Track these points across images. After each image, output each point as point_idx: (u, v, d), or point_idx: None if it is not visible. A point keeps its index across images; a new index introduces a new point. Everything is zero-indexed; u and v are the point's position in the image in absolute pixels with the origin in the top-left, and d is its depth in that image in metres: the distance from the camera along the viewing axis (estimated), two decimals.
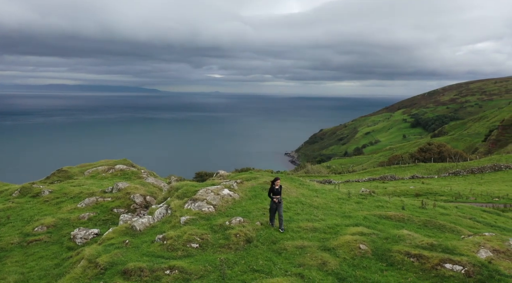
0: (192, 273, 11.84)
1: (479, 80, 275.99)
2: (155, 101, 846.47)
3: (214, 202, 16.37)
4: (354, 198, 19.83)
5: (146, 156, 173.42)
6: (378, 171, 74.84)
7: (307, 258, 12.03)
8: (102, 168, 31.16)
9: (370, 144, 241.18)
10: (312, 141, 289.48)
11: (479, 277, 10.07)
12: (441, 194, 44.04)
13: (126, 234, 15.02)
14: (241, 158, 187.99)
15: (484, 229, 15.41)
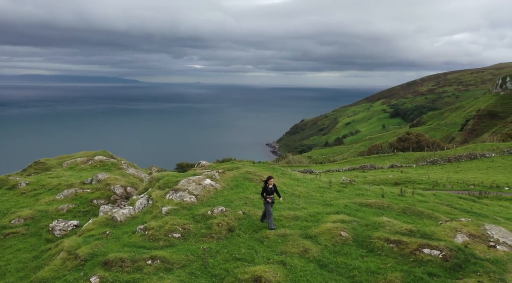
0: (174, 262, 11.78)
1: (456, 71, 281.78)
2: (136, 92, 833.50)
3: (196, 192, 16.28)
4: (335, 187, 20.04)
5: (126, 147, 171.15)
6: (358, 160, 75.80)
7: (289, 246, 12.12)
8: (81, 159, 30.58)
9: (350, 134, 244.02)
10: (293, 132, 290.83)
11: (455, 261, 10.35)
12: (419, 182, 44.98)
13: (107, 225, 14.81)
14: (223, 148, 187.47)
15: (460, 215, 15.82)
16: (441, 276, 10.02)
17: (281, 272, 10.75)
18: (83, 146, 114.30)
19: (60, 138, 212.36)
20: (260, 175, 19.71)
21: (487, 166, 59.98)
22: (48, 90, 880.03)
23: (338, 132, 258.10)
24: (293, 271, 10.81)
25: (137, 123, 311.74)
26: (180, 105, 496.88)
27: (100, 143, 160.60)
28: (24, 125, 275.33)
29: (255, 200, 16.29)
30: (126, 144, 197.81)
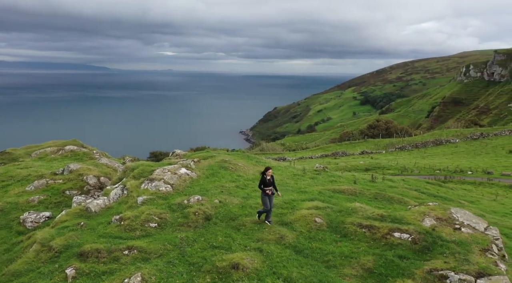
0: (151, 252, 11.74)
1: (423, 59, 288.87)
2: (105, 80, 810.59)
3: (172, 181, 16.18)
4: (308, 174, 20.37)
5: (97, 136, 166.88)
6: (330, 147, 77.09)
7: (265, 233, 12.30)
8: (51, 149, 29.68)
9: (322, 121, 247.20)
10: (266, 119, 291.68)
11: (424, 243, 10.81)
12: (388, 168, 46.31)
13: (81, 216, 14.54)
14: (196, 136, 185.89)
15: (428, 199, 16.46)
16: (411, 258, 10.46)
17: (258, 258, 10.92)
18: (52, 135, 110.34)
19: (26, 128, 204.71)
20: (235, 163, 19.76)
21: (451, 151, 62.30)
22: (13, 77, 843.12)
23: (310, 119, 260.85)
24: (269, 257, 11.00)
25: (108, 111, 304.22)
26: (152, 93, 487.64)
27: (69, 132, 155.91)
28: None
29: (231, 188, 16.37)
30: (96, 132, 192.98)
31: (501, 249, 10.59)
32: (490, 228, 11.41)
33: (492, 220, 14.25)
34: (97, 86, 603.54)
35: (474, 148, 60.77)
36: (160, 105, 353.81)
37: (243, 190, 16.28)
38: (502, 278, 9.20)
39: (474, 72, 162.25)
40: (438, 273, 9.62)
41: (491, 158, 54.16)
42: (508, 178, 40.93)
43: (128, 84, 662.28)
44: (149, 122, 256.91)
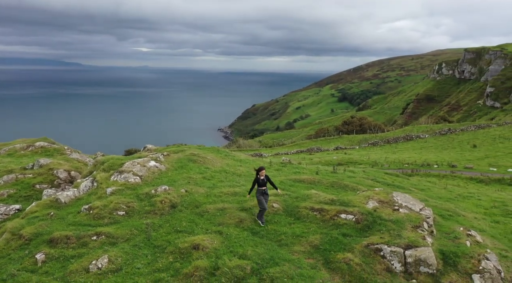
0: (118, 237, 12.72)
1: (399, 56, 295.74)
2: (78, 76, 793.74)
3: (141, 173, 17.12)
4: (275, 166, 21.62)
5: (70, 134, 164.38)
6: (306, 143, 78.96)
7: (226, 218, 13.44)
8: (20, 146, 29.97)
9: (301, 118, 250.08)
10: (245, 116, 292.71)
11: (365, 223, 12.19)
12: (360, 162, 48.21)
13: (51, 207, 15.34)
14: (174, 134, 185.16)
15: (380, 186, 17.95)
16: (353, 236, 11.81)
17: (218, 240, 12.07)
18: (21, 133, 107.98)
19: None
20: (204, 156, 20.81)
21: (421, 146, 64.96)
22: None
23: (289, 116, 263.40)
24: (228, 238, 12.16)
25: (81, 109, 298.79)
26: (127, 90, 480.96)
27: (40, 130, 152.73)
28: None
29: (197, 179, 17.43)
30: (69, 130, 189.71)
31: (431, 226, 12.07)
32: (425, 209, 12.90)
33: (434, 203, 15.80)
34: (70, 82, 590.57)
35: (441, 143, 63.54)
36: (136, 103, 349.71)
37: (210, 180, 17.37)
38: (426, 249, 10.65)
39: (446, 70, 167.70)
40: (374, 247, 11.00)
41: (456, 152, 56.87)
42: (470, 170, 43.33)
43: (102, 80, 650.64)
44: (125, 120, 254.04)
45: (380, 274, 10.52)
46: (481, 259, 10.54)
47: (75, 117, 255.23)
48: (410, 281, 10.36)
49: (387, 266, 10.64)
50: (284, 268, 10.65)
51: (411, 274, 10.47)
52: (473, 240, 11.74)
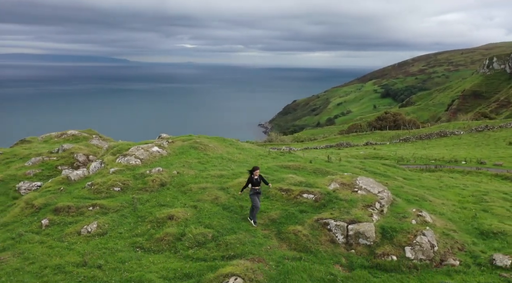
0: (110, 208, 14.85)
1: (447, 51, 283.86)
2: (125, 72, 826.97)
3: (142, 156, 19.26)
4: (272, 155, 23.09)
5: (114, 127, 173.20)
6: (337, 138, 79.20)
7: (204, 195, 15.20)
8: (55, 134, 33.34)
9: (342, 114, 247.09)
10: (285, 112, 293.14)
11: (322, 201, 13.50)
12: (386, 157, 48.42)
13: (62, 183, 17.81)
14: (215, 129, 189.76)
15: (366, 174, 18.95)
16: (309, 212, 13.17)
17: (191, 212, 13.87)
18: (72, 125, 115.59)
19: (49, 118, 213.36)
20: (206, 144, 22.68)
21: (453, 143, 63.56)
22: (37, 69, 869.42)
23: (329, 112, 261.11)
24: (200, 211, 13.92)
25: (127, 103, 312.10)
26: (171, 85, 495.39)
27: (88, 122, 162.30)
28: (13, 105, 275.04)
29: (193, 163, 19.31)
30: (114, 123, 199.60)
31: (383, 206, 13.15)
32: (383, 192, 13.95)
33: (408, 190, 16.72)
34: (117, 78, 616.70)
35: (476, 140, 61.82)
36: (179, 98, 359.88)
37: (203, 165, 19.19)
38: (367, 224, 11.83)
39: (498, 65, 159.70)
40: (322, 221, 12.32)
41: (490, 149, 55.29)
42: (499, 167, 42.40)
43: (148, 76, 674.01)
44: (167, 114, 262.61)
45: (323, 244, 11.85)
46: (418, 234, 11.56)
47: (121, 111, 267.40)
48: (350, 251, 11.61)
49: (331, 238, 11.94)
50: (239, 236, 12.26)
51: (351, 245, 11.72)
52: (421, 220, 12.72)
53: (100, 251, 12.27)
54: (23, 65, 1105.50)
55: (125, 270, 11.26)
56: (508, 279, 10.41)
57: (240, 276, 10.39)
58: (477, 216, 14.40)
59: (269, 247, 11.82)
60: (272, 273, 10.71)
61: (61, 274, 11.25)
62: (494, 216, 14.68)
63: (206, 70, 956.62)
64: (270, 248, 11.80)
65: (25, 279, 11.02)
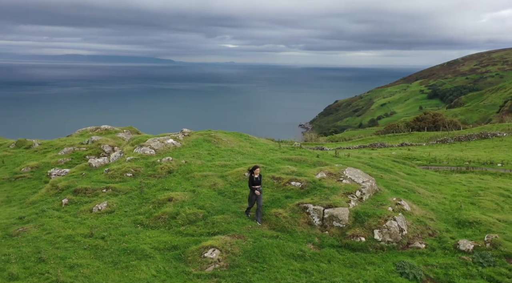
0: (120, 190, 16.81)
1: (502, 49, 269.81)
2: (169, 72, 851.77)
3: (156, 147, 21.20)
4: (283, 149, 24.34)
5: (156, 125, 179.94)
6: (372, 139, 78.72)
7: (205, 182, 16.81)
8: (90, 128, 36.34)
9: (385, 115, 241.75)
10: (327, 113, 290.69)
11: (307, 189, 14.69)
12: (418, 158, 48.21)
13: (84, 169, 20.08)
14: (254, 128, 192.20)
15: (367, 168, 19.79)
16: (293, 198, 14.41)
17: (188, 195, 15.51)
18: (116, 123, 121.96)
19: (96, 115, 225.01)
20: (219, 137, 24.34)
21: (494, 145, 61.56)
22: (86, 70, 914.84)
23: (372, 113, 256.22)
24: (197, 195, 15.53)
25: (170, 102, 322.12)
26: (214, 85, 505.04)
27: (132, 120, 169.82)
28: (63, 103, 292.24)
29: (202, 154, 21.00)
30: (156, 121, 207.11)
31: (363, 194, 14.13)
32: (367, 182, 14.90)
33: (403, 184, 17.45)
34: (162, 78, 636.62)
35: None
36: (221, 97, 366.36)
37: (212, 156, 20.84)
38: (342, 209, 12.92)
39: None
40: (302, 205, 13.53)
41: None
42: None
43: (191, 76, 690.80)
44: (209, 113, 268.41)
45: (301, 225, 13.08)
46: (389, 219, 12.50)
47: (163, 109, 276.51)
48: (324, 232, 12.77)
49: (309, 220, 13.14)
50: (226, 217, 13.76)
51: (325, 227, 12.86)
52: (399, 208, 13.59)
53: (105, 226, 14.19)
54: (74, 65, 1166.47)
55: (124, 241, 13.06)
56: (466, 261, 11.17)
57: (218, 248, 11.88)
58: (461, 208, 15.00)
59: (250, 226, 13.22)
60: (248, 247, 12.11)
61: (70, 242, 13.24)
62: (480, 209, 15.20)
63: (247, 70, 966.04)
64: (252, 227, 13.19)
65: (40, 245, 13.09)
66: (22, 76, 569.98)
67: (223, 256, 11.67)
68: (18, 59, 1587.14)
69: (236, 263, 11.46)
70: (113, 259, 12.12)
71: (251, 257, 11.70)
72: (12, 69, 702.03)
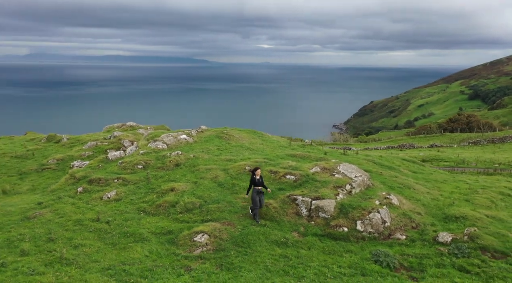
0: (130, 181, 18.10)
1: None
2: (205, 72, 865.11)
3: (169, 142, 22.44)
4: (293, 146, 25.00)
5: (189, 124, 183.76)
6: (401, 140, 77.61)
7: (207, 174, 17.81)
8: (117, 124, 38.33)
9: (423, 117, 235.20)
10: (361, 113, 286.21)
11: (300, 182, 15.38)
12: (446, 160, 47.52)
13: (101, 162, 21.57)
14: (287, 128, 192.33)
15: (372, 165, 20.16)
16: (286, 190, 15.13)
17: (190, 186, 16.56)
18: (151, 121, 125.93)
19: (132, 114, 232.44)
20: (231, 134, 25.31)
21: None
22: (126, 70, 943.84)
23: (409, 114, 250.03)
24: (198, 186, 16.56)
25: (204, 102, 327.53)
26: (248, 85, 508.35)
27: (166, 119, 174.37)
28: (102, 101, 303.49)
29: (211, 149, 22.05)
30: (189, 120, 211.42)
31: (353, 188, 14.64)
32: (360, 177, 15.39)
33: (401, 180, 17.66)
34: (198, 78, 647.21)
35: None
36: (255, 97, 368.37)
37: (220, 151, 21.83)
38: (328, 201, 13.54)
39: None
40: (292, 197, 14.25)
41: None
42: None
43: (226, 76, 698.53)
44: (242, 113, 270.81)
45: (289, 215, 13.81)
46: (373, 211, 13.00)
47: (197, 109, 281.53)
48: (310, 222, 13.44)
49: (297, 211, 13.84)
50: (220, 206, 14.69)
51: (312, 217, 13.52)
52: (387, 202, 14.03)
53: (112, 212, 15.46)
54: (115, 66, 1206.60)
55: (126, 226, 14.26)
56: (441, 252, 11.54)
57: (207, 233, 12.82)
58: (454, 204, 15.20)
59: (241, 215, 14.08)
60: (235, 234, 12.98)
61: (78, 225, 14.58)
62: (472, 205, 15.33)
63: (282, 70, 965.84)
64: (242, 216, 14.05)
65: (52, 227, 14.50)
66: (67, 76, 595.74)
67: (211, 240, 12.59)
68: (64, 60, 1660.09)
69: (222, 247, 12.37)
70: (113, 241, 13.33)
71: (237, 242, 12.57)
72: (59, 70, 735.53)
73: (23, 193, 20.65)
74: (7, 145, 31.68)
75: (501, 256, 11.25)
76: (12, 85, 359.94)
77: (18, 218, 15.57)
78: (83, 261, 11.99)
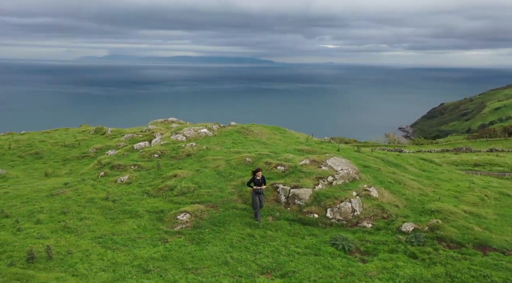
0: (143, 167, 20.14)
1: None
2: (269, 72, 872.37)
3: (189, 135, 24.29)
4: (309, 142, 25.72)
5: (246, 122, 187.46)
6: (459, 143, 74.15)
7: (211, 163, 19.33)
8: (160, 120, 41.22)
9: (499, 121, 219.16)
10: (430, 116, 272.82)
11: (287, 172, 16.37)
12: (501, 165, 45.32)
13: (128, 151, 23.96)
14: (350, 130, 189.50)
15: (380, 163, 20.44)
16: (273, 179, 16.18)
17: (191, 173, 18.18)
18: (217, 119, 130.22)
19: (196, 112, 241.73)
20: (251, 129, 26.63)
21: None
22: (194, 70, 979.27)
23: (484, 118, 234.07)
24: (199, 173, 18.13)
25: (267, 102, 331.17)
26: (312, 85, 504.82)
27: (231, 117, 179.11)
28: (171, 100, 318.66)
29: (227, 142, 23.54)
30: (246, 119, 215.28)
31: (335, 179, 15.30)
32: (345, 170, 15.99)
33: (396, 177, 17.80)
34: (262, 78, 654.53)
35: None
36: (318, 97, 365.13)
37: (234, 144, 23.25)
38: (305, 190, 14.44)
39: None
40: (275, 185, 15.31)
41: None
42: None
43: (289, 76, 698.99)
44: (303, 114, 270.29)
45: (269, 202, 14.89)
46: (344, 201, 13.66)
47: (260, 108, 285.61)
48: (287, 208, 14.42)
49: (277, 198, 14.87)
50: (211, 191, 16.12)
51: (289, 204, 14.49)
52: (366, 193, 14.58)
53: (120, 193, 17.51)
54: (183, 66, 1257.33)
55: (128, 204, 16.20)
56: (399, 240, 12.00)
57: (189, 212, 14.31)
58: (439, 200, 15.26)
59: (226, 199, 15.37)
60: (215, 215, 14.34)
61: (90, 202, 16.77)
62: (458, 201, 15.26)
63: (347, 71, 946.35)
64: (227, 200, 15.34)
65: (68, 203, 16.82)
66: (138, 76, 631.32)
67: (192, 219, 14.06)
68: (136, 61, 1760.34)
69: (199, 225, 13.79)
70: (113, 216, 15.29)
71: (214, 222, 13.92)
72: (131, 70, 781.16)
73: (61, 176, 23.57)
74: (62, 135, 35.66)
75: (456, 246, 11.47)
76: (92, 85, 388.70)
77: (45, 194, 18.16)
78: (82, 230, 14.02)
